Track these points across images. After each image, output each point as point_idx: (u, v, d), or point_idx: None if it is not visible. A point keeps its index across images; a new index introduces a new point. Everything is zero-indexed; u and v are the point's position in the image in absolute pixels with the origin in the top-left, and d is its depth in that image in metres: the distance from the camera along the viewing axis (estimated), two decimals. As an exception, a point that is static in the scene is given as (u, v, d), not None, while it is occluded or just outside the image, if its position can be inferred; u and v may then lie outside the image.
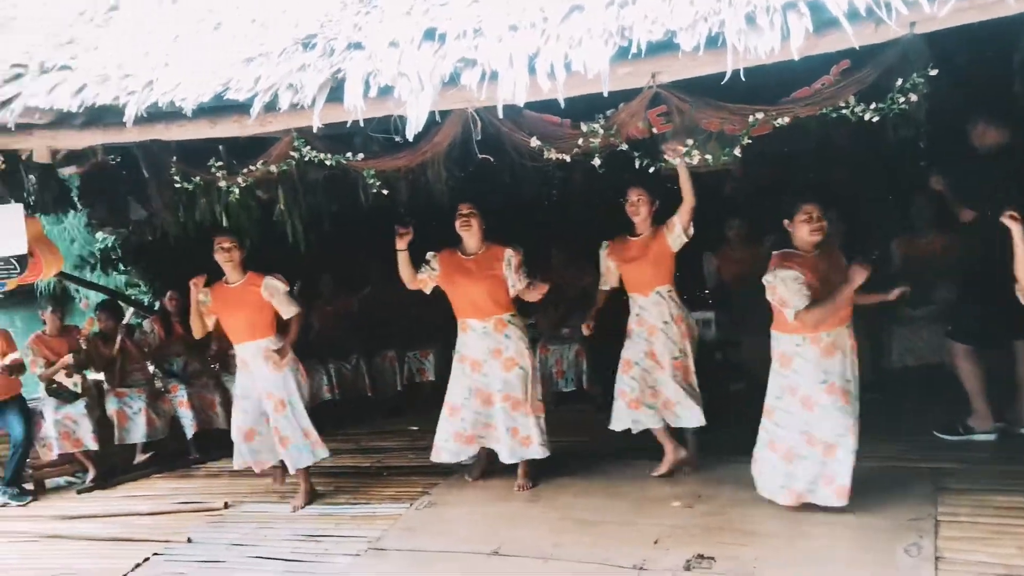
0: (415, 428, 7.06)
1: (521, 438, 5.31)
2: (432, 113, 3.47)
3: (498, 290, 5.26)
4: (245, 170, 5.03)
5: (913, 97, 3.88)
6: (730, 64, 3.05)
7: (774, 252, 4.52)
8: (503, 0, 3.56)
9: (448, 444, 5.49)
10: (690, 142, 4.22)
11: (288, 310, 5.47)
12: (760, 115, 4.06)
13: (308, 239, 6.31)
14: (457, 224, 5.28)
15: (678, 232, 5.04)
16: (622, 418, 5.32)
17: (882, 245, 6.62)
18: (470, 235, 5.29)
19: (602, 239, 5.40)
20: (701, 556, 4.25)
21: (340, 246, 7.77)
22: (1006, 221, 3.79)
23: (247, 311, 5.42)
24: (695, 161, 4.29)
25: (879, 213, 6.83)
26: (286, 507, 5.61)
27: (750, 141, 4.23)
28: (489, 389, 5.34)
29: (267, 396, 5.43)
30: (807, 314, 4.24)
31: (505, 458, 5.37)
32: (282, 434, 5.44)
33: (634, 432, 5.33)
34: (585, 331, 5.48)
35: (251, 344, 5.45)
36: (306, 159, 4.87)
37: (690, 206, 4.90)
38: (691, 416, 5.22)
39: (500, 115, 3.51)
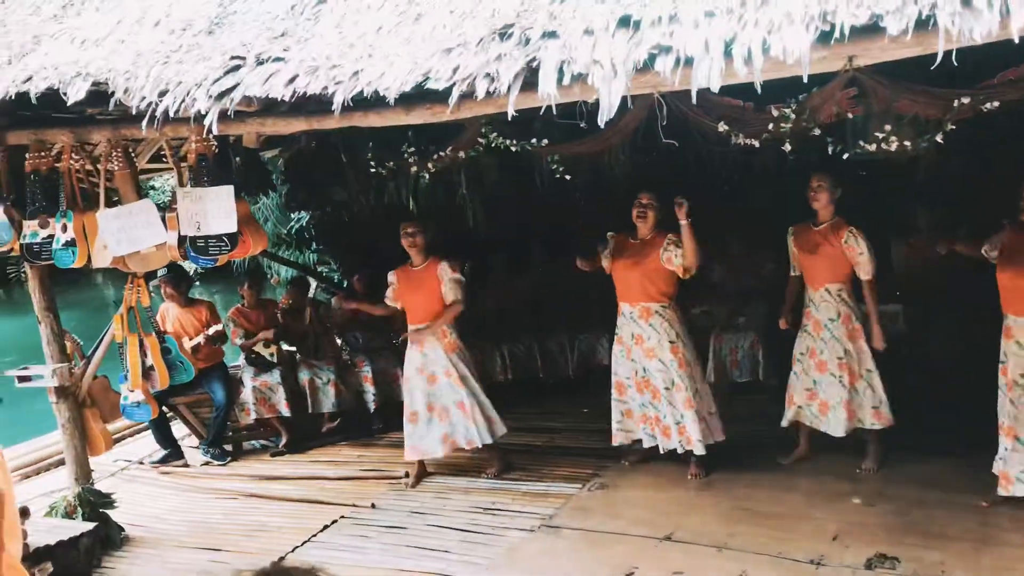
0: (586, 410, 7.15)
1: (681, 431, 5.34)
2: (623, 99, 3.49)
3: (654, 278, 5.31)
4: (436, 156, 5.23)
5: None
6: (941, 47, 2.92)
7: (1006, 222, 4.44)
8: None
9: (619, 425, 5.58)
10: (887, 127, 4.06)
11: (449, 295, 5.64)
12: (966, 100, 3.87)
13: (487, 222, 6.53)
14: (634, 213, 5.36)
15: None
16: (786, 414, 5.28)
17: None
18: (644, 225, 5.39)
19: (787, 226, 5.29)
20: (883, 556, 4.14)
21: (516, 229, 7.95)
22: None
23: (425, 293, 5.66)
24: (893, 148, 4.13)
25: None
26: (463, 480, 5.83)
27: (953, 127, 4.03)
28: (644, 375, 5.45)
29: (445, 373, 5.65)
30: None
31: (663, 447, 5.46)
32: (466, 408, 5.64)
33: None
34: (782, 325, 5.40)
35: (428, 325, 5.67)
36: (492, 145, 5.02)
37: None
38: (837, 425, 5.09)
39: (694, 101, 3.49)
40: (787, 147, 4.39)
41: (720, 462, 5.49)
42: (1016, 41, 2.87)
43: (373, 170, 5.56)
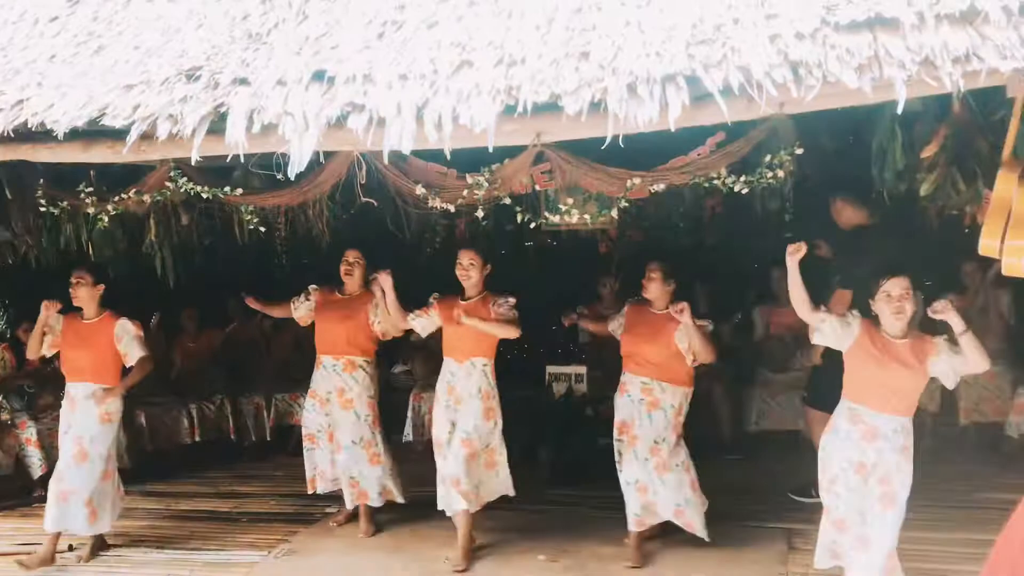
0: (279, 474, 6.85)
1: (361, 486, 5.34)
2: (316, 154, 3.43)
3: (359, 332, 5.29)
4: (116, 198, 4.84)
5: (780, 173, 4.10)
6: (610, 130, 3.16)
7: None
8: (394, 49, 3.60)
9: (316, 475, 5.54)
10: (570, 201, 4.34)
11: (135, 354, 5.14)
12: (637, 180, 4.21)
13: (177, 273, 6.13)
14: (342, 270, 5.35)
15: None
16: None
17: (746, 312, 6.94)
18: (351, 281, 5.37)
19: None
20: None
21: (211, 281, 7.54)
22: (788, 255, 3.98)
23: (95, 350, 5.13)
24: (574, 220, 4.41)
25: (745, 281, 7.16)
26: (138, 552, 5.32)
27: (627, 204, 4.37)
28: (333, 429, 5.37)
29: (75, 440, 5.11)
30: None
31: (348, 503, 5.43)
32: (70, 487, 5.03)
33: None
34: None
35: (87, 385, 5.09)
36: (182, 190, 4.73)
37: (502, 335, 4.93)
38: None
39: (386, 161, 3.50)
40: (480, 213, 4.53)
41: (412, 520, 5.47)
42: (673, 130, 3.17)
43: (43, 209, 5.01)
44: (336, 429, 5.36)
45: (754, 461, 6.33)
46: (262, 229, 5.02)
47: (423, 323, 5.05)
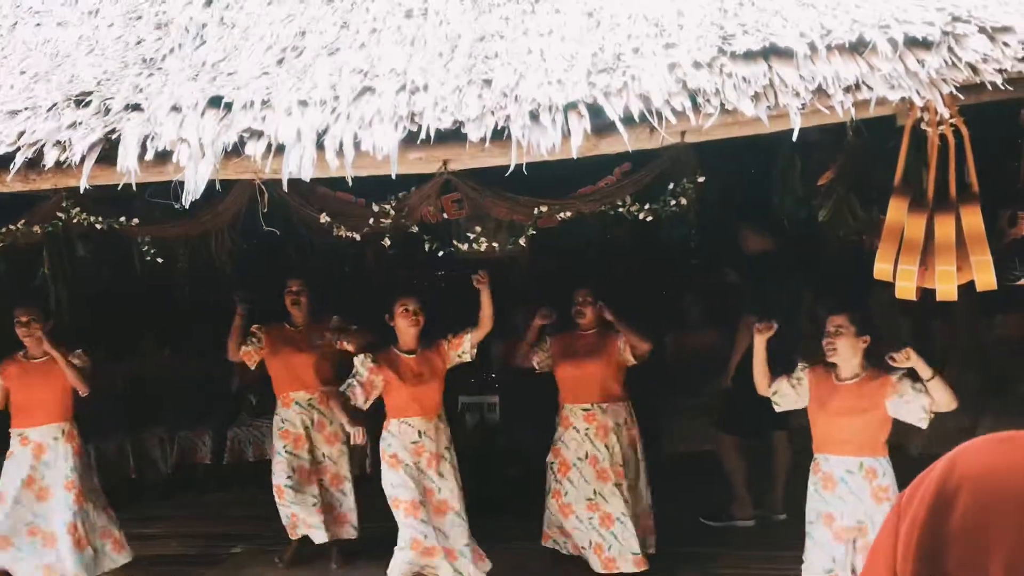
0: (182, 513, 6.59)
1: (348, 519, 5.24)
2: (212, 182, 3.32)
3: (324, 362, 5.20)
4: (3, 229, 4.61)
5: (683, 200, 4.16)
6: (514, 158, 3.14)
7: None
8: (294, 75, 3.53)
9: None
10: (478, 229, 4.31)
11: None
12: (544, 208, 4.22)
13: (76, 307, 5.88)
14: (287, 300, 5.20)
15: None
16: None
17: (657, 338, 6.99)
18: (298, 311, 5.23)
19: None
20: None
21: (110, 315, 7.25)
22: (755, 332, 4.02)
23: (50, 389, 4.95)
24: (483, 248, 4.38)
25: (654, 308, 7.22)
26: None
27: (535, 232, 4.37)
28: (324, 464, 5.26)
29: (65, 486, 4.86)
30: None
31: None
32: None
33: None
34: None
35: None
36: (74, 220, 4.54)
37: None
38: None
39: (285, 188, 3.42)
40: (386, 242, 4.47)
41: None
42: (575, 158, 3.17)
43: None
44: (329, 464, 5.22)
45: (667, 486, 6.34)
46: (159, 260, 4.82)
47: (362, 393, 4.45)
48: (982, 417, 5.99)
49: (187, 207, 3.37)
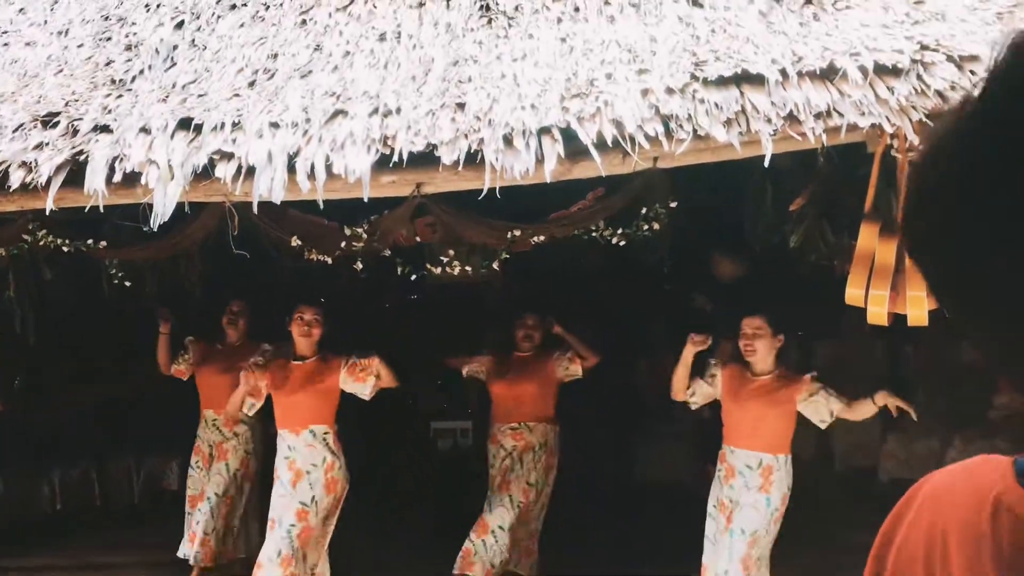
0: (151, 540, 6.44)
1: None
2: (181, 205, 3.28)
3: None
4: (-34, 250, 4.53)
5: (656, 225, 4.16)
6: (487, 182, 3.13)
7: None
8: (266, 97, 3.50)
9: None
10: (451, 252, 4.29)
11: None
12: (518, 232, 4.20)
13: (43, 329, 5.79)
14: (224, 320, 5.15)
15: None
16: None
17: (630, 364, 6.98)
18: (234, 331, 5.18)
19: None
20: None
21: (78, 338, 7.13)
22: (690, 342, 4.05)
23: None
24: (456, 272, 4.36)
25: (628, 333, 7.21)
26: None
27: (508, 256, 4.36)
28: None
29: None
30: None
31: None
32: None
33: None
34: None
35: None
36: (41, 243, 4.47)
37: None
38: None
39: (255, 211, 3.38)
40: (359, 266, 4.43)
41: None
42: (549, 182, 3.17)
43: None
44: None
45: (643, 516, 6.30)
46: (127, 283, 4.75)
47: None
48: (952, 441, 6.04)
49: (155, 229, 3.32)
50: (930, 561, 0.62)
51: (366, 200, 3.26)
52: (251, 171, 3.21)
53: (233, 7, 4.10)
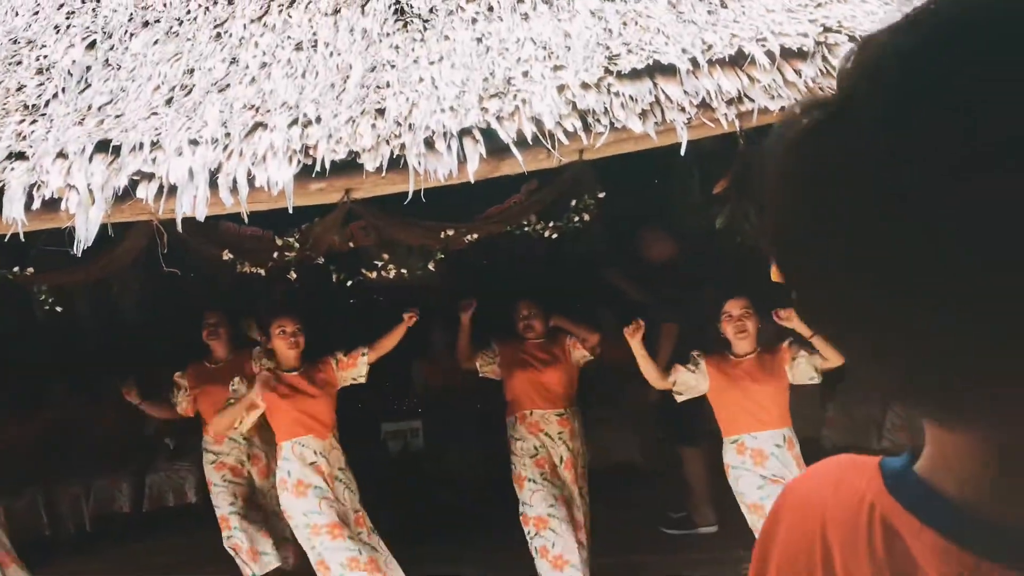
0: (105, 565, 6.36)
1: None
2: (104, 227, 3.25)
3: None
4: None
5: (586, 217, 4.22)
6: (411, 185, 3.15)
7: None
8: (184, 114, 3.48)
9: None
10: (386, 256, 4.30)
11: None
12: (451, 232, 4.23)
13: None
14: (204, 334, 4.98)
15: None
16: None
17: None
18: (218, 344, 5.01)
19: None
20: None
21: (21, 364, 6.99)
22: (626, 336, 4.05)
23: None
24: (391, 275, 4.37)
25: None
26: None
27: (443, 256, 4.38)
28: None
29: None
30: None
31: None
32: None
33: None
34: None
35: None
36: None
37: None
38: None
39: (180, 230, 3.35)
40: (293, 275, 4.42)
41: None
42: (473, 182, 3.20)
43: None
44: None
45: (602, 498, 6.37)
46: (58, 308, 4.68)
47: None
48: (890, 409, 6.21)
49: (79, 255, 3.28)
50: (811, 562, 0.64)
51: (290, 211, 3.26)
52: (173, 189, 3.19)
53: (146, 24, 4.06)
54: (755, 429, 3.91)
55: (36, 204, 3.25)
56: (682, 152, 3.19)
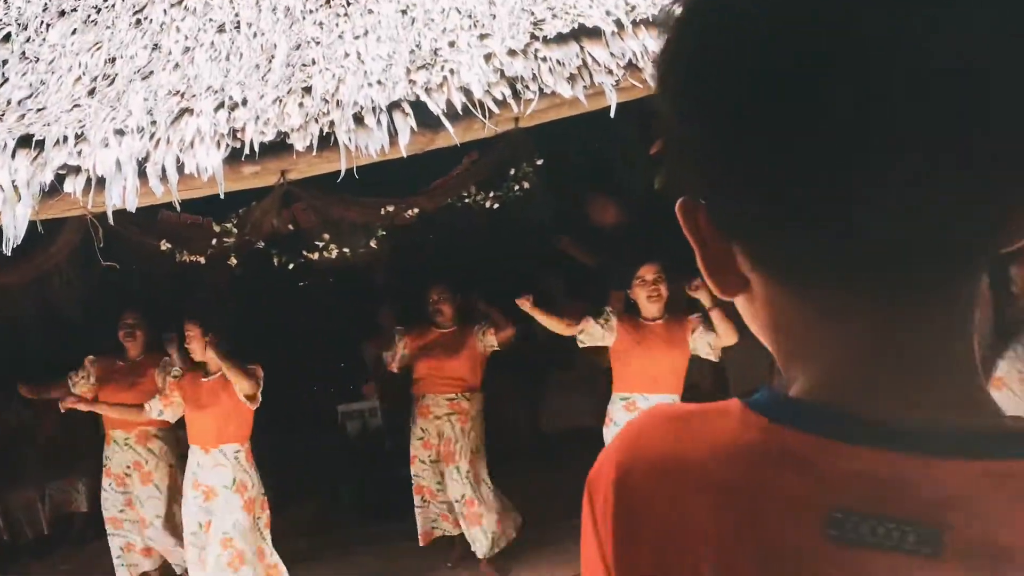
0: (64, 567, 6.30)
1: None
2: (33, 223, 3.19)
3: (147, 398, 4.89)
4: None
5: (526, 184, 4.23)
6: (343, 162, 3.13)
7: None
8: (108, 104, 3.41)
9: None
10: (327, 236, 4.28)
11: None
12: (391, 208, 4.21)
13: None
14: (120, 334, 4.88)
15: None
16: None
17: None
18: (134, 345, 4.91)
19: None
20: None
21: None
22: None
23: None
24: (334, 255, 4.34)
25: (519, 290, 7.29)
26: None
27: (384, 233, 4.36)
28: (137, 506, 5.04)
29: None
30: None
31: None
32: None
33: None
34: None
35: None
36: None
37: None
38: None
39: (111, 222, 3.30)
40: (233, 261, 4.37)
41: None
42: (405, 156, 3.19)
43: None
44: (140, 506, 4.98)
45: (556, 464, 6.44)
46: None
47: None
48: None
49: (8, 253, 3.22)
50: (672, 524, 0.56)
51: (222, 196, 3.22)
52: (101, 182, 3.13)
53: (62, 13, 3.95)
54: (649, 391, 4.01)
55: (-41, 204, 3.17)
56: (611, 115, 3.20)
